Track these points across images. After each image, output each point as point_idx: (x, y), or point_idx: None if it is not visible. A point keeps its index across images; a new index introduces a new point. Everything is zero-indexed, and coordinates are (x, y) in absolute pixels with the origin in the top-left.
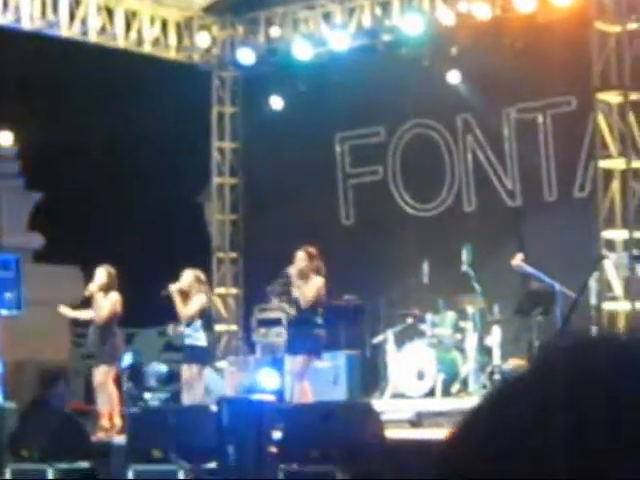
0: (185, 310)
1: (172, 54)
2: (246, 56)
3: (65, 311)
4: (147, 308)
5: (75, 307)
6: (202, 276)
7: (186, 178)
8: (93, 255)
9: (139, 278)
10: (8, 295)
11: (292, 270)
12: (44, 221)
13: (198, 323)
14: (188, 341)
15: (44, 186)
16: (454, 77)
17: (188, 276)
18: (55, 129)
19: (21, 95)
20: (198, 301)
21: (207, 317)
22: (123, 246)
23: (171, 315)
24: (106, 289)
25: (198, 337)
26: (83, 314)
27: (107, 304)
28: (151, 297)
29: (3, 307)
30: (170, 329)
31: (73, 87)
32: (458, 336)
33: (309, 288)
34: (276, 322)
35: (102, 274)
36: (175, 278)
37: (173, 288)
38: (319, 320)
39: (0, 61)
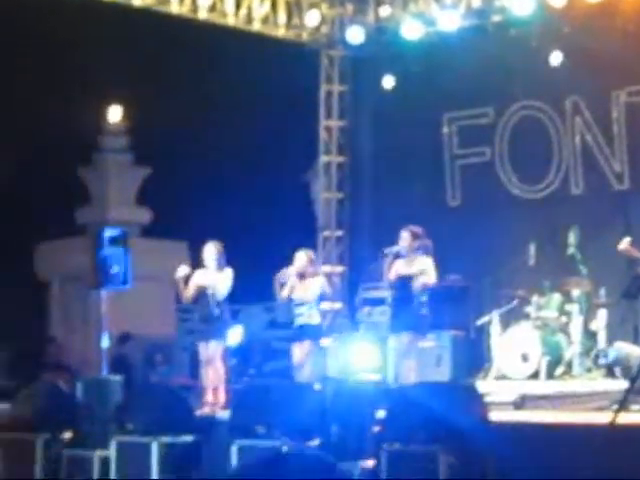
0: (306, 294)
1: (281, 32)
2: (355, 35)
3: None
4: (252, 285)
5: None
6: (314, 256)
7: (293, 156)
8: (200, 231)
9: (244, 254)
10: (115, 269)
11: (395, 249)
12: (152, 196)
13: (313, 302)
14: (301, 320)
15: (153, 161)
16: (557, 58)
17: (302, 258)
18: (164, 105)
19: (131, 71)
20: (318, 284)
21: (320, 296)
22: (230, 222)
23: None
24: (218, 265)
25: (311, 315)
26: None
27: (224, 279)
28: (256, 273)
29: (110, 282)
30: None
31: (182, 64)
32: (563, 319)
33: (416, 266)
34: (380, 301)
35: (211, 250)
36: (281, 254)
37: (291, 272)
38: (424, 299)
39: (110, 36)
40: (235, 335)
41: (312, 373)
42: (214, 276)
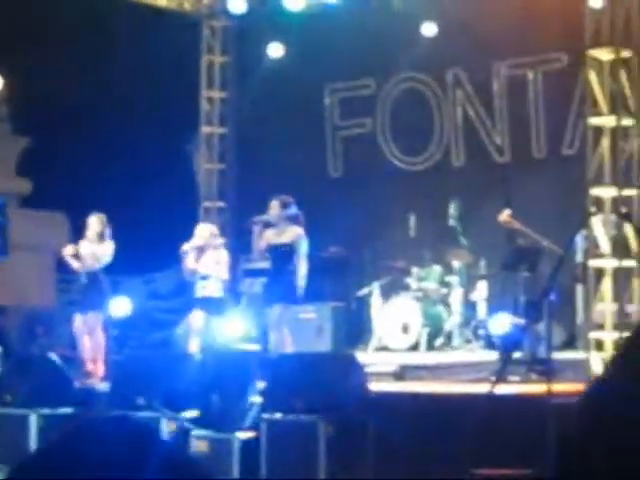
0: (210, 267)
1: (163, 2)
2: (237, 5)
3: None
4: (133, 256)
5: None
6: (215, 230)
7: (176, 127)
8: (80, 202)
9: (126, 225)
10: None
11: (264, 218)
12: (32, 167)
13: (218, 275)
14: (203, 292)
15: (32, 131)
16: (435, 30)
17: (203, 231)
18: (44, 74)
19: (10, 39)
20: (223, 258)
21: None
22: (111, 194)
23: (157, 264)
24: (100, 237)
25: (215, 288)
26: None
27: (105, 251)
28: (136, 245)
29: None
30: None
31: (61, 31)
32: (444, 290)
33: (287, 236)
34: (261, 272)
35: (95, 223)
36: (162, 225)
37: (187, 247)
38: (292, 267)
39: None
40: (120, 306)
41: (201, 345)
42: (94, 248)
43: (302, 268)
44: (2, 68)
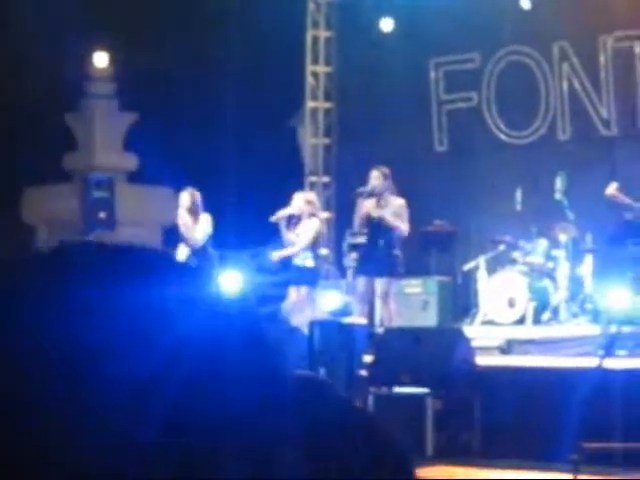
0: (298, 239)
1: None
2: None
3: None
4: (240, 230)
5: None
6: (312, 198)
7: (280, 102)
8: (187, 177)
9: (232, 200)
10: (101, 215)
11: (367, 189)
12: (139, 142)
13: (306, 245)
14: (297, 262)
15: (139, 108)
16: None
17: (299, 200)
18: (150, 51)
19: (117, 16)
20: (311, 227)
21: (317, 240)
22: (216, 169)
23: (265, 237)
24: (194, 212)
25: (306, 258)
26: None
27: (201, 227)
28: (243, 219)
29: (97, 227)
30: (274, 255)
31: (168, 9)
32: (550, 264)
33: (388, 207)
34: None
35: (185, 198)
36: (268, 200)
37: (281, 214)
38: (394, 241)
39: None
40: (232, 280)
41: (306, 317)
42: (191, 224)
43: (401, 239)
44: (109, 45)
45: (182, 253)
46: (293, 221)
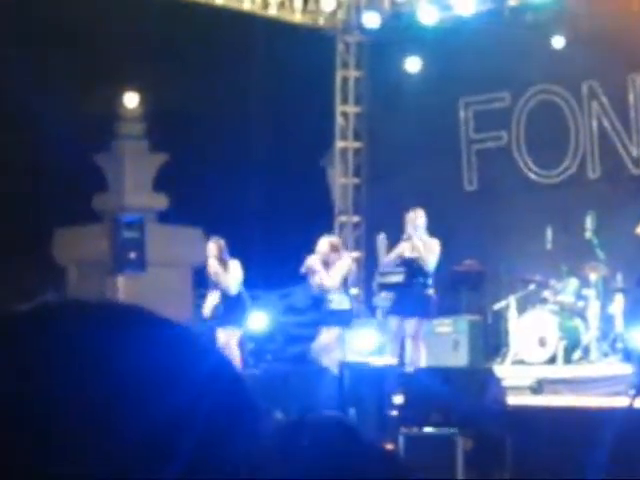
0: (330, 281)
1: (297, 17)
2: (371, 20)
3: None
4: (269, 271)
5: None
6: (337, 242)
7: (310, 142)
8: (216, 217)
9: (260, 240)
10: (132, 255)
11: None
12: (169, 182)
13: (340, 287)
14: (332, 306)
15: (169, 148)
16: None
17: (324, 244)
18: (181, 91)
19: (147, 57)
20: (341, 268)
21: (347, 280)
22: (246, 209)
23: (293, 278)
24: (223, 260)
25: (342, 300)
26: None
27: (232, 274)
28: (273, 260)
29: (127, 267)
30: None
31: (198, 50)
32: (580, 303)
33: (423, 248)
34: (396, 286)
35: (212, 248)
36: (298, 240)
37: (314, 261)
38: (429, 281)
39: (127, 23)
40: (257, 320)
41: (336, 357)
42: (221, 272)
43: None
44: (139, 86)
45: (214, 299)
46: (324, 266)
